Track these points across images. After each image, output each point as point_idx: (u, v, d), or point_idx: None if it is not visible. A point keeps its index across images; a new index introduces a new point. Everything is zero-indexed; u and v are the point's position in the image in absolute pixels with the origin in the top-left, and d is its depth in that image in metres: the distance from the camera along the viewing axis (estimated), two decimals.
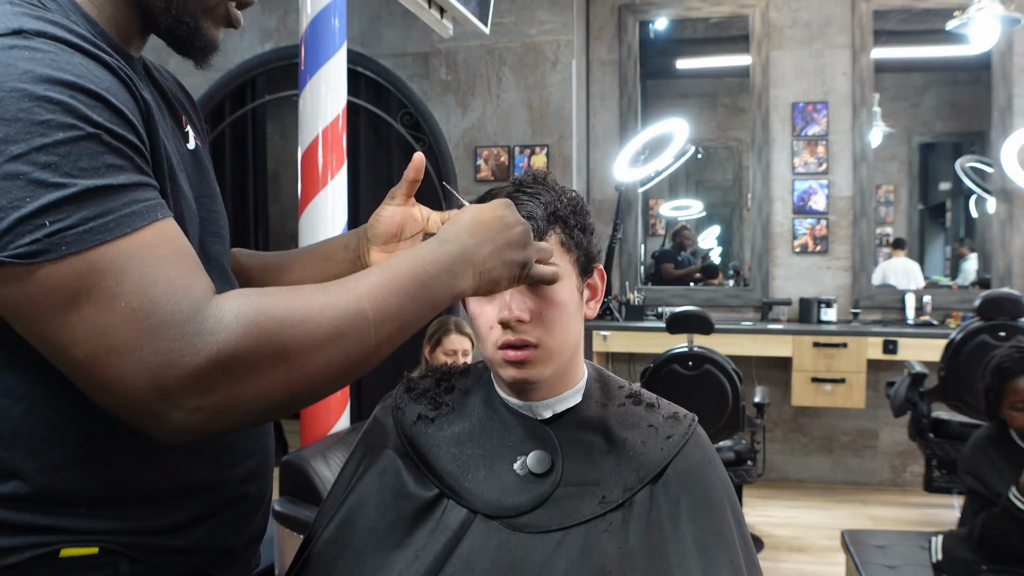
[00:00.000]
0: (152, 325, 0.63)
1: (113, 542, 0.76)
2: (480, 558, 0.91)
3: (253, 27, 4.72)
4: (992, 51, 4.21)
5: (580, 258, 0.96)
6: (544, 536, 0.92)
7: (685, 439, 0.98)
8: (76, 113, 0.65)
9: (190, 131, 0.92)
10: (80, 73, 0.67)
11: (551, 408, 0.98)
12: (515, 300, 0.91)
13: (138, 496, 0.78)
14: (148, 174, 0.70)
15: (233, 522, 0.87)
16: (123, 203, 0.66)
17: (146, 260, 0.65)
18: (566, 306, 0.94)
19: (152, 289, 0.64)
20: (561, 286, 0.93)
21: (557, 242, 0.94)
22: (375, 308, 0.72)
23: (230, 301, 0.67)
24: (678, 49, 5.14)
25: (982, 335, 3.34)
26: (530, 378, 0.93)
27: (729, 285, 4.96)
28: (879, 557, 2.42)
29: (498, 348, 0.93)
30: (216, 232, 0.91)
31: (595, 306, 1.01)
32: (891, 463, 4.42)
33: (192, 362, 0.63)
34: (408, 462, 0.99)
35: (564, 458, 0.96)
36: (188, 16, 0.81)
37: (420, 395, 1.04)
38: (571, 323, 0.95)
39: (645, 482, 0.94)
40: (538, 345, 0.92)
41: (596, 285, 1.01)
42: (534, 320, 0.92)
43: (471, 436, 0.99)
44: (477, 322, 0.96)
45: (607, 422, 0.98)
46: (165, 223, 0.69)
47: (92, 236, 0.64)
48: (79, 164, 0.64)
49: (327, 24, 2.80)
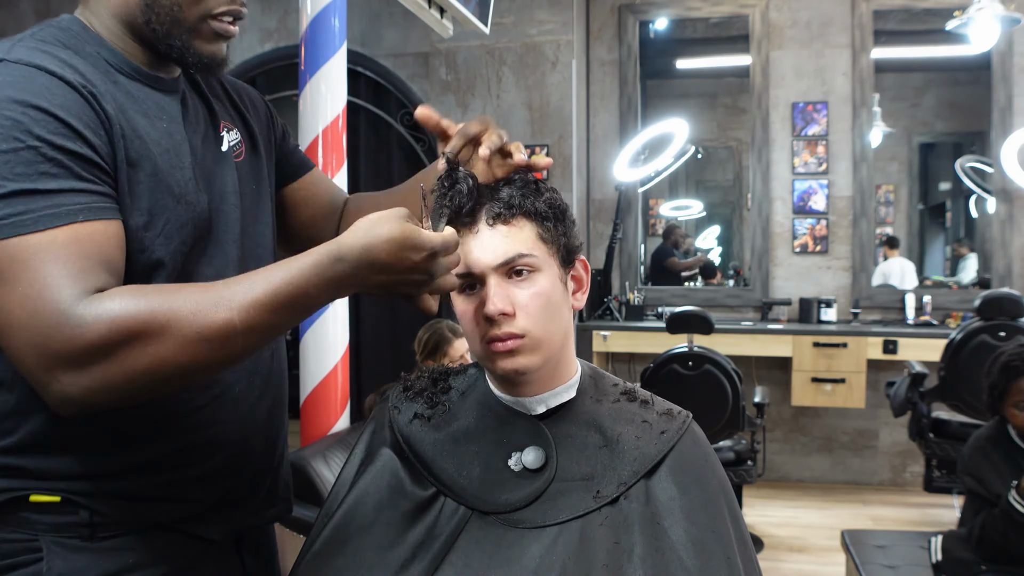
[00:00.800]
0: (36, 310, 0.76)
1: (71, 489, 0.90)
2: (477, 554, 0.92)
3: (253, 27, 4.72)
4: (992, 51, 4.21)
5: (559, 250, 0.96)
6: (540, 531, 0.92)
7: (679, 435, 0.98)
8: (22, 128, 0.79)
9: (226, 135, 1.05)
10: (37, 92, 0.81)
11: (544, 403, 0.99)
12: (496, 295, 0.92)
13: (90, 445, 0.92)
14: (90, 180, 0.83)
15: (200, 479, 0.98)
16: (45, 205, 0.79)
17: (47, 256, 0.78)
18: (549, 296, 0.94)
19: (44, 280, 0.77)
20: (541, 276, 0.94)
21: (534, 234, 0.94)
22: (245, 321, 0.79)
23: (107, 300, 0.78)
24: (678, 49, 5.14)
25: (982, 335, 3.34)
26: (520, 367, 0.93)
27: (729, 285, 4.96)
28: (879, 557, 2.42)
29: (485, 343, 0.93)
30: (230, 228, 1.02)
31: (582, 297, 1.01)
32: (891, 463, 4.42)
33: (63, 347, 0.76)
34: (405, 461, 1.00)
35: (559, 453, 0.96)
36: (175, 39, 0.93)
37: (416, 395, 1.05)
38: (556, 313, 0.95)
39: (639, 476, 0.94)
40: (524, 335, 0.92)
41: (580, 276, 1.01)
42: (518, 311, 0.92)
43: (466, 434, 0.99)
44: (463, 320, 0.96)
45: (601, 418, 0.99)
46: (85, 225, 0.81)
47: (9, 229, 0.78)
48: (14, 170, 0.79)
49: (327, 24, 2.80)
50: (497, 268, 0.93)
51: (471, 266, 0.93)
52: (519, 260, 0.93)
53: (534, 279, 0.93)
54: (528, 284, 0.93)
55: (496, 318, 0.91)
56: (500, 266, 0.93)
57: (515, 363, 0.93)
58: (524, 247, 0.93)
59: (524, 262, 0.93)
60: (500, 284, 0.92)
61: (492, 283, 0.92)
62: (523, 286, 0.93)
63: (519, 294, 0.93)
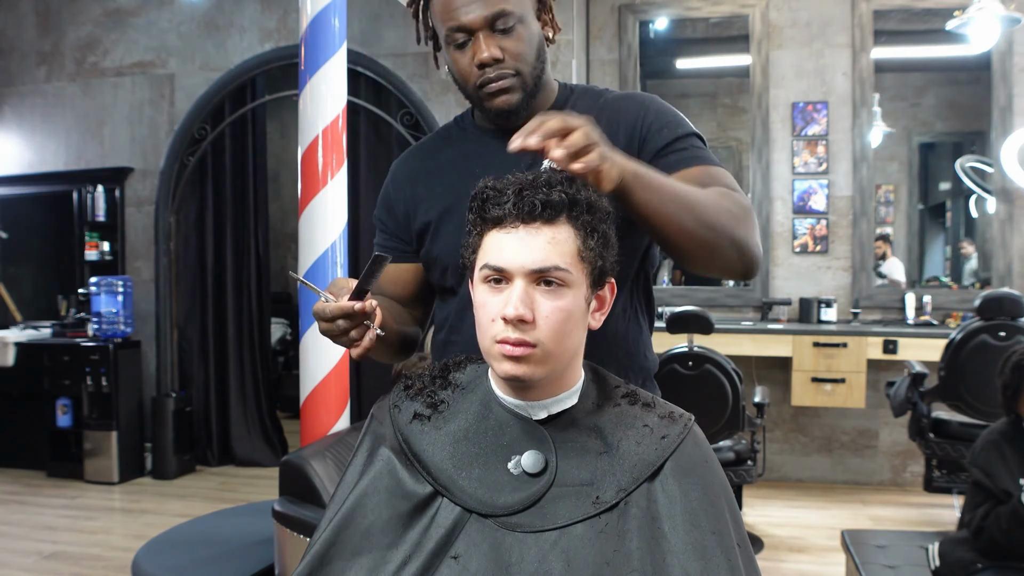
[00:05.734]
0: None
1: None
2: (474, 557, 0.92)
3: (253, 27, 4.72)
4: (992, 51, 4.21)
5: (594, 270, 0.95)
6: (538, 536, 0.92)
7: (681, 438, 0.97)
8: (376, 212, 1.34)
9: None
10: None
11: (547, 409, 0.98)
12: (521, 299, 0.91)
13: None
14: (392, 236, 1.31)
15: None
16: None
17: None
18: (571, 313, 0.93)
19: None
20: (569, 292, 0.93)
21: (574, 248, 0.93)
22: None
23: None
24: (678, 49, 5.14)
25: (982, 335, 3.34)
26: (523, 376, 0.93)
27: (729, 285, 4.96)
28: (879, 557, 2.42)
29: (496, 341, 0.93)
30: None
31: (600, 318, 1.00)
32: (891, 463, 4.42)
33: None
34: (404, 460, 1.00)
35: (559, 458, 0.96)
36: (470, 99, 1.23)
37: (417, 393, 1.05)
38: (573, 331, 0.95)
39: (640, 482, 0.94)
40: (536, 345, 0.92)
41: (605, 297, 1.00)
42: (538, 321, 0.91)
43: (466, 434, 0.99)
44: (480, 312, 0.96)
45: (602, 423, 0.98)
46: None
47: None
48: None
49: (327, 24, 2.80)
50: (529, 273, 0.92)
51: (504, 263, 0.92)
52: (554, 272, 0.92)
53: (562, 293, 0.92)
54: (555, 297, 0.92)
55: (514, 322, 0.91)
56: (533, 272, 0.92)
57: (519, 371, 0.93)
58: (562, 260, 0.92)
59: (558, 275, 0.92)
60: (527, 289, 0.92)
61: (519, 286, 0.91)
62: (549, 297, 0.92)
63: (543, 304, 0.92)
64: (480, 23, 1.12)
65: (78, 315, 4.86)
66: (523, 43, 1.15)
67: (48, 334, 4.87)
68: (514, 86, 1.16)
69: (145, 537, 3.12)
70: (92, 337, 4.66)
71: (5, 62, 5.22)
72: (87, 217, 4.97)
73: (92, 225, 4.97)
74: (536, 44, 1.18)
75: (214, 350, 5.00)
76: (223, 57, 4.79)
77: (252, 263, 5.05)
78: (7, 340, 4.68)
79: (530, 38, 1.17)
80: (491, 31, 1.13)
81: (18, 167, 5.21)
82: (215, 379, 5.00)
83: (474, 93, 1.18)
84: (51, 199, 5.12)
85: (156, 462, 4.72)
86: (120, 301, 4.64)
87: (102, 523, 3.92)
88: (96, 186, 4.95)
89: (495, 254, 0.93)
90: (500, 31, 1.13)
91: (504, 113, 1.18)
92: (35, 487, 4.54)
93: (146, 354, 4.87)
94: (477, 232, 0.97)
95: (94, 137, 5.05)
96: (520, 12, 1.15)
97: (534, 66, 1.18)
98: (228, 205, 4.97)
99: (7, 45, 5.22)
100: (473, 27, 1.13)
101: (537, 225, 0.92)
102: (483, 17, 1.12)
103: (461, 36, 1.14)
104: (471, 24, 1.13)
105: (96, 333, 4.64)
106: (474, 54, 1.14)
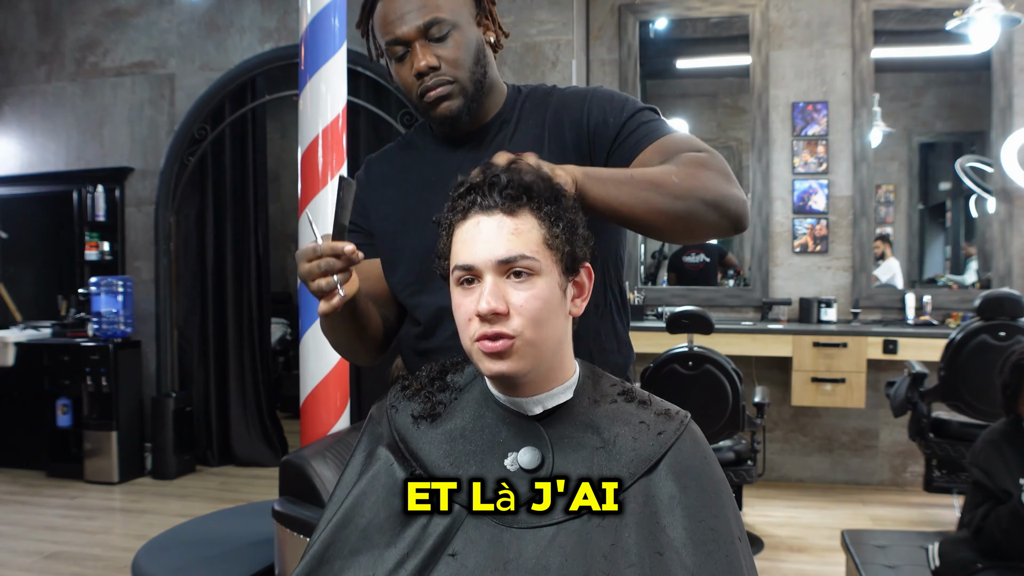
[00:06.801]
0: None
1: None
2: (472, 554, 0.92)
3: (253, 27, 4.72)
4: (992, 51, 4.21)
5: (563, 256, 0.95)
6: (536, 532, 0.92)
7: (677, 435, 0.98)
8: None
9: None
10: None
11: (541, 404, 0.98)
12: (492, 293, 0.91)
13: None
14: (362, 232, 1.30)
15: None
16: None
17: None
18: (546, 301, 0.93)
19: None
20: (540, 280, 0.93)
21: (539, 236, 0.93)
22: None
23: None
24: (678, 49, 5.14)
25: (982, 335, 3.34)
26: (507, 371, 0.93)
27: (729, 285, 4.96)
28: (879, 557, 2.42)
29: (475, 340, 0.93)
30: None
31: (582, 304, 1.00)
32: (891, 463, 4.42)
33: None
34: (401, 459, 1.00)
35: (555, 455, 0.96)
36: (416, 110, 1.23)
37: (414, 393, 1.05)
38: (551, 318, 0.94)
39: (636, 477, 0.94)
40: (515, 336, 0.92)
41: (583, 283, 1.00)
42: (512, 312, 0.92)
43: (463, 433, 0.99)
44: (457, 314, 0.96)
45: (598, 419, 0.99)
46: None
47: None
48: None
49: (327, 24, 2.80)
50: (496, 265, 0.92)
51: (471, 259, 0.93)
52: (520, 261, 0.92)
53: (533, 282, 0.93)
54: (526, 287, 0.92)
55: (488, 317, 0.91)
56: (500, 264, 0.92)
57: (502, 366, 0.93)
58: (528, 249, 0.92)
59: (525, 264, 0.92)
60: (497, 283, 0.92)
61: (489, 281, 0.92)
62: (520, 288, 0.92)
63: (515, 295, 0.92)
64: (414, 33, 1.16)
65: (78, 315, 4.86)
66: (460, 49, 1.17)
67: (48, 334, 4.87)
68: (453, 92, 1.18)
69: (145, 537, 3.13)
70: (92, 337, 4.66)
71: (5, 62, 5.22)
72: (87, 217, 4.97)
73: (92, 225, 4.98)
74: (474, 49, 1.20)
75: (214, 350, 5.00)
76: (223, 57, 4.79)
77: (252, 263, 5.05)
78: (7, 340, 4.68)
79: (467, 44, 1.18)
80: (426, 40, 1.16)
81: (18, 167, 5.21)
82: (215, 379, 5.00)
83: (418, 103, 1.20)
84: (51, 199, 5.13)
85: (156, 462, 4.72)
86: (120, 301, 4.64)
87: (102, 523, 3.92)
88: (96, 186, 4.95)
89: (463, 254, 0.94)
90: (435, 39, 1.16)
91: (447, 120, 1.20)
92: (35, 487, 4.54)
93: (146, 354, 4.87)
94: (446, 234, 0.97)
95: (94, 137, 5.05)
96: (454, 19, 1.17)
97: (473, 71, 1.19)
98: (228, 205, 4.97)
99: (7, 45, 5.23)
100: (408, 38, 1.16)
101: (499, 217, 0.92)
102: (416, 27, 1.15)
103: (400, 49, 1.18)
104: (406, 36, 1.16)
105: (96, 333, 4.64)
106: (412, 64, 1.17)
